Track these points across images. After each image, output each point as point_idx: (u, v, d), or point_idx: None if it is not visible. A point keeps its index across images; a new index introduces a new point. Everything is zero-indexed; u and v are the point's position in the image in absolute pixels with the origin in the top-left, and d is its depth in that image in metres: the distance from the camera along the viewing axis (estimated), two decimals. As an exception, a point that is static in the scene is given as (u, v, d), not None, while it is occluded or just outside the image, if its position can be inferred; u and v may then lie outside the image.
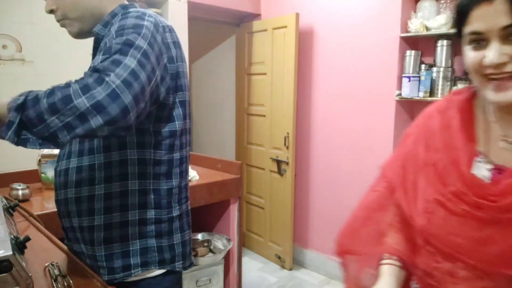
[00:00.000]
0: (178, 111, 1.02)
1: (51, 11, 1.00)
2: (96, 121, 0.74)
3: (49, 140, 0.77)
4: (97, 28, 1.01)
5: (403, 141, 0.87)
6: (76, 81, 0.77)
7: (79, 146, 1.00)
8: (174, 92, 1.00)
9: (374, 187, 0.96)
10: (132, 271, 1.00)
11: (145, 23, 0.89)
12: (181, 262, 1.09)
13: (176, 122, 1.02)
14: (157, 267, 1.03)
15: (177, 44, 1.00)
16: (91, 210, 0.98)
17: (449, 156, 0.73)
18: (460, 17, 0.67)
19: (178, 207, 1.07)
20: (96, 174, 0.97)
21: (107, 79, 0.75)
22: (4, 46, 1.99)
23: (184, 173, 1.09)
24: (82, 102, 0.74)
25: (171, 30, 0.99)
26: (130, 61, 0.80)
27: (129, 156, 0.98)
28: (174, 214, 1.05)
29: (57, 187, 1.05)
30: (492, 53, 0.63)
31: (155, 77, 0.87)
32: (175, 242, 1.06)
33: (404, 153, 0.84)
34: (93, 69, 0.79)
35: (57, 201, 1.05)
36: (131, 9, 1.00)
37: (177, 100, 1.01)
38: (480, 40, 0.65)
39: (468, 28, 0.66)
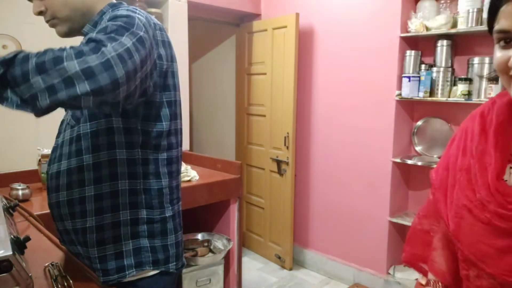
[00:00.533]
0: (165, 111, 1.01)
1: (40, 13, 0.99)
2: (82, 87, 0.71)
3: (27, 102, 0.72)
4: (86, 28, 1.00)
5: (449, 143, 0.85)
6: (72, 47, 0.74)
7: (68, 148, 0.99)
8: (161, 91, 0.99)
9: (430, 193, 0.92)
10: (127, 272, 1.00)
11: (137, 15, 0.88)
12: (175, 263, 1.08)
13: (164, 123, 1.01)
14: (151, 268, 1.03)
15: (166, 44, 0.99)
16: (83, 212, 0.97)
17: (481, 162, 0.72)
18: (491, 14, 0.65)
19: (170, 208, 1.06)
20: (85, 176, 0.96)
21: (103, 49, 0.73)
22: (4, 46, 1.99)
23: (174, 174, 1.08)
24: (72, 65, 0.70)
25: (161, 29, 0.98)
26: (126, 41, 0.78)
27: (118, 156, 0.97)
28: (167, 215, 1.05)
29: (49, 190, 1.04)
30: None
31: (146, 66, 0.86)
32: (168, 243, 1.06)
33: (448, 156, 0.82)
34: (88, 39, 0.77)
35: (50, 205, 1.04)
36: (121, 7, 0.99)
37: (164, 99, 1.00)
38: (508, 39, 0.62)
39: (497, 26, 0.63)
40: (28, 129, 2.09)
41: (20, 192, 1.71)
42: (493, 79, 2.08)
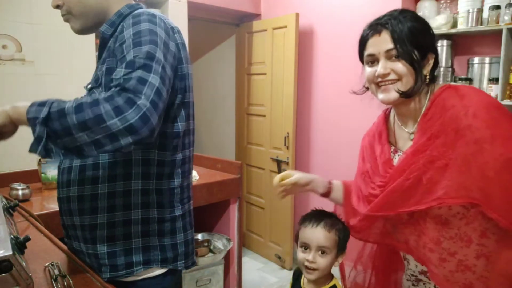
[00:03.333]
0: (182, 112, 1.03)
1: (57, 6, 1.02)
2: (126, 140, 0.78)
3: (73, 152, 0.80)
4: (103, 28, 1.02)
5: (358, 158, 1.25)
6: (105, 99, 0.78)
7: None
8: (181, 93, 1.01)
9: None
10: (135, 269, 1.00)
11: (158, 30, 0.90)
12: (183, 261, 1.09)
13: (180, 123, 1.03)
14: (159, 266, 1.04)
15: (183, 46, 1.02)
16: (94, 209, 0.98)
17: (374, 162, 1.08)
18: (362, 46, 1.06)
19: (180, 207, 1.07)
20: (100, 173, 0.98)
21: (138, 102, 0.78)
22: (4, 46, 1.99)
23: (186, 173, 1.09)
24: (115, 124, 0.76)
25: (178, 32, 1.01)
26: (155, 80, 0.82)
27: (134, 157, 0.99)
28: (176, 214, 1.06)
29: (59, 184, 1.05)
30: (380, 67, 0.95)
31: (171, 87, 0.91)
32: (178, 242, 1.07)
33: (358, 167, 1.22)
34: (121, 88, 0.80)
35: (59, 199, 1.06)
36: (139, 10, 1.00)
37: (183, 101, 1.03)
38: (373, 61, 0.99)
39: (366, 52, 1.02)
40: (28, 129, 2.09)
41: (20, 192, 1.71)
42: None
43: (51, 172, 1.90)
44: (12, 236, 0.80)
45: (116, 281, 0.99)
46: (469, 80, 2.25)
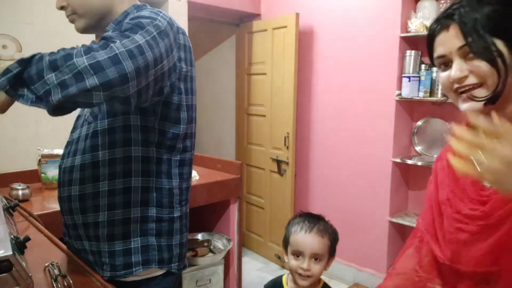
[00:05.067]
0: (184, 114, 1.03)
1: (62, 8, 1.02)
2: (92, 81, 0.73)
3: (41, 99, 0.76)
4: (110, 27, 1.02)
5: (427, 188, 0.92)
6: (83, 44, 0.78)
7: (84, 144, 1.01)
8: (181, 94, 1.01)
9: (410, 240, 0.97)
10: (134, 269, 1.01)
11: (159, 18, 0.90)
12: (177, 263, 1.09)
13: (181, 126, 1.03)
14: (156, 266, 1.04)
15: (188, 48, 1.02)
16: (96, 207, 0.99)
17: (456, 183, 0.80)
18: (429, 46, 0.80)
19: (179, 208, 1.07)
20: (100, 171, 0.98)
21: (112, 44, 0.76)
22: (4, 46, 1.99)
23: (186, 176, 1.09)
24: (81, 60, 0.74)
25: (183, 33, 1.01)
26: (139, 38, 0.80)
27: (133, 153, 0.99)
28: (175, 215, 1.06)
29: (60, 184, 1.05)
30: (454, 70, 0.73)
31: (162, 64, 0.87)
32: (173, 243, 1.07)
33: (429, 201, 0.89)
34: (101, 38, 0.81)
35: (60, 198, 1.06)
36: (145, 9, 1.02)
37: (184, 103, 1.03)
38: (446, 62, 0.76)
39: (435, 54, 0.78)
40: (28, 129, 2.09)
41: (20, 192, 1.71)
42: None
43: (51, 172, 1.90)
44: (12, 236, 0.80)
45: (117, 281, 0.99)
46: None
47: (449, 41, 0.74)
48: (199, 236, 2.44)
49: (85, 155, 1.00)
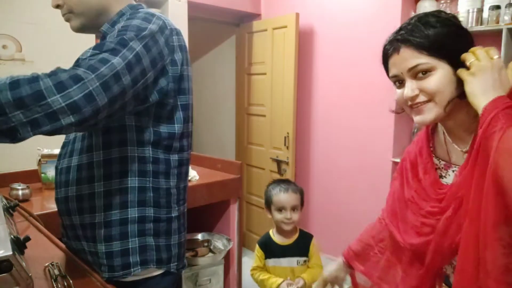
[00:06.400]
0: (179, 114, 1.03)
1: (58, 6, 1.01)
2: (67, 120, 0.73)
3: (5, 134, 0.72)
4: (104, 27, 1.02)
5: (391, 184, 1.07)
6: (47, 74, 0.73)
7: (80, 144, 1.00)
8: (176, 95, 1.01)
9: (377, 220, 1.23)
10: (132, 270, 1.00)
11: (150, 25, 0.90)
12: (176, 263, 1.09)
13: (176, 125, 1.03)
14: (155, 266, 1.04)
15: (183, 48, 1.01)
16: (92, 208, 0.98)
17: (419, 185, 0.92)
18: (385, 65, 0.90)
19: (177, 208, 1.07)
20: (95, 172, 0.98)
21: (86, 79, 0.74)
22: (4, 46, 1.99)
23: (183, 175, 1.09)
24: (57, 100, 0.71)
25: (178, 34, 1.00)
26: (118, 62, 0.80)
27: (129, 154, 0.98)
28: (173, 215, 1.06)
29: (57, 185, 1.05)
30: (406, 90, 0.82)
31: (144, 79, 0.88)
32: (172, 243, 1.06)
33: (393, 195, 1.04)
34: (76, 63, 0.79)
35: (57, 199, 1.06)
36: (140, 10, 1.01)
37: (179, 103, 1.02)
38: (400, 80, 0.84)
39: (390, 73, 0.87)
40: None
41: (20, 192, 1.71)
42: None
43: (51, 172, 1.89)
44: (12, 236, 0.80)
45: (117, 282, 0.99)
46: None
47: (400, 63, 0.82)
48: (199, 236, 2.44)
49: (82, 156, 0.99)
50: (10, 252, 0.70)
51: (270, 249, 1.67)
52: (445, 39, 0.80)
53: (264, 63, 3.22)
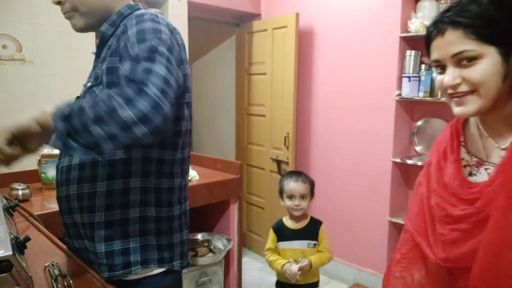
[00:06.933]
0: (184, 112, 1.04)
1: (59, 3, 1.01)
2: (141, 130, 0.78)
3: (92, 148, 0.80)
4: (104, 27, 1.02)
5: (416, 190, 0.95)
6: (116, 92, 0.80)
7: None
8: (184, 92, 1.03)
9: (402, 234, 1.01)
10: (132, 269, 1.00)
11: (162, 28, 0.92)
12: (179, 261, 1.09)
13: (182, 123, 1.04)
14: (156, 265, 1.04)
15: (184, 46, 1.03)
16: (92, 207, 0.98)
17: (444, 188, 0.83)
18: (427, 48, 0.82)
19: (178, 207, 1.07)
20: (98, 171, 0.98)
21: (148, 91, 0.79)
22: (4, 46, 1.99)
23: (184, 173, 1.10)
24: (128, 115, 0.77)
25: (178, 32, 1.02)
26: (160, 69, 0.83)
27: (134, 155, 0.98)
28: (174, 213, 1.06)
29: (58, 183, 1.05)
30: (447, 77, 0.75)
31: (178, 79, 0.92)
32: (174, 241, 1.07)
33: (419, 199, 0.91)
34: (128, 79, 0.82)
35: (59, 198, 1.06)
36: (140, 11, 1.01)
37: (185, 100, 1.04)
38: (442, 66, 0.77)
39: (431, 57, 0.80)
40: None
41: (20, 192, 1.71)
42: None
43: (51, 172, 1.89)
44: (12, 236, 0.80)
45: (117, 280, 0.99)
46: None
47: (444, 47, 0.75)
48: (199, 236, 2.44)
49: None
50: (10, 252, 0.70)
51: (283, 233, 1.85)
52: (500, 22, 0.70)
53: (264, 63, 3.22)
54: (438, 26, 0.76)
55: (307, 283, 1.83)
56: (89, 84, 1.02)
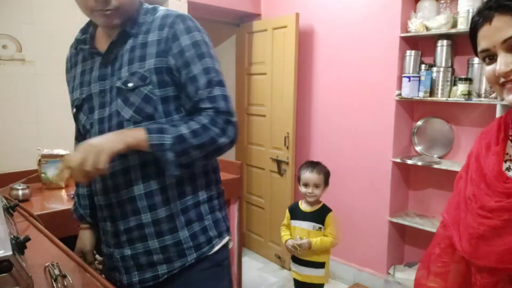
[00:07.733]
0: None
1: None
2: (227, 148, 1.03)
3: (185, 166, 0.98)
4: (128, 27, 1.03)
5: (456, 185, 0.94)
6: (211, 123, 0.99)
7: None
8: None
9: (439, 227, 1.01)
10: (213, 242, 1.09)
11: (207, 39, 1.11)
12: (228, 232, 1.19)
13: None
14: (227, 235, 1.15)
15: None
16: (166, 200, 1.03)
17: (483, 179, 0.80)
18: (473, 39, 0.78)
19: (220, 183, 1.19)
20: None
21: (232, 120, 1.03)
22: (4, 46, 1.99)
23: None
24: (224, 141, 1.01)
25: None
26: (227, 92, 1.06)
27: None
28: (220, 191, 1.17)
29: (110, 189, 1.04)
30: (499, 65, 0.71)
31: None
32: (223, 215, 1.17)
33: (458, 196, 0.90)
34: (216, 111, 1.01)
35: (112, 205, 1.05)
36: (170, 11, 1.09)
37: None
38: (491, 56, 0.74)
39: (479, 47, 0.75)
40: (28, 129, 2.09)
41: (20, 192, 1.71)
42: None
43: (51, 172, 1.90)
44: (12, 236, 0.80)
45: (205, 257, 1.07)
46: (469, 80, 2.25)
47: (493, 34, 0.71)
48: (199, 236, 2.44)
49: (145, 153, 0.98)
50: (10, 252, 0.70)
51: (295, 213, 2.11)
52: None
53: (264, 63, 3.22)
54: (483, 14, 0.73)
55: (313, 268, 2.07)
56: (130, 84, 0.99)
